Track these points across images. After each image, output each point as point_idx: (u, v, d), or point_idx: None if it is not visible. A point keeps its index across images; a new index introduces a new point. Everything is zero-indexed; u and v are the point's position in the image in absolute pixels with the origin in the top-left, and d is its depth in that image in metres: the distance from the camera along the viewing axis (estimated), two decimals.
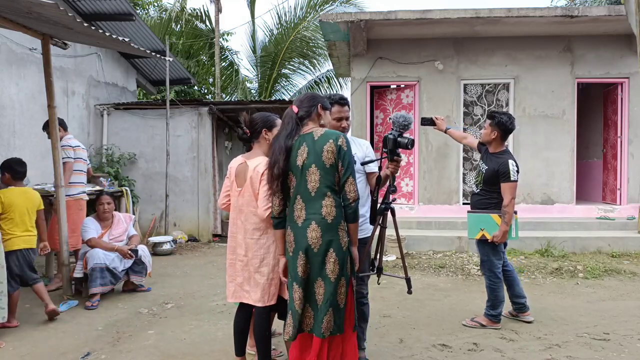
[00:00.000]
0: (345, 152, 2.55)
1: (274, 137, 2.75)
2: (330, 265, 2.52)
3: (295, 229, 2.58)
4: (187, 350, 3.55)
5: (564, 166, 8.16)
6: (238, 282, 2.94)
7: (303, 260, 2.55)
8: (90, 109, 8.40)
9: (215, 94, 13.91)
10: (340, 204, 2.57)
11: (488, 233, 3.86)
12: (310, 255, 2.54)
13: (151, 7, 15.68)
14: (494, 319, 4.00)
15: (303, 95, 2.80)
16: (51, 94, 4.98)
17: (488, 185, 3.93)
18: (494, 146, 4.02)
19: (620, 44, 8.02)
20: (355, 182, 2.57)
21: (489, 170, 3.91)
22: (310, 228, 2.53)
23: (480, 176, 4.00)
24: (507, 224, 3.80)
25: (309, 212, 2.54)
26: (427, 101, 8.25)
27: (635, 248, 6.86)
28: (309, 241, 2.53)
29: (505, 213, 3.80)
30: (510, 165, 3.81)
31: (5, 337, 3.80)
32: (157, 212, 8.49)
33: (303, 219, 2.55)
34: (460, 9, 7.30)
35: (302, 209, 2.56)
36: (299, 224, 2.56)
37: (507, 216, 3.79)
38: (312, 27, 14.65)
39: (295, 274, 2.58)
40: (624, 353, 3.50)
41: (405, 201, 8.45)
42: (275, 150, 2.61)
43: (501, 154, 3.96)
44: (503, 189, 3.84)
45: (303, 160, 2.55)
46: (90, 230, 4.88)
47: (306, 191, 2.55)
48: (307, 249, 2.54)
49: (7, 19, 4.44)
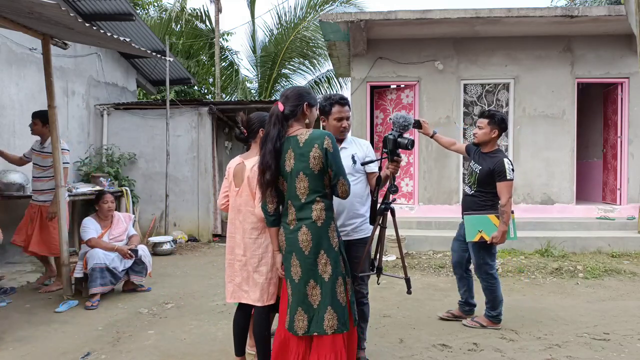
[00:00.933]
0: (332, 154, 2.50)
1: (262, 138, 2.65)
2: (322, 267, 2.54)
3: (287, 231, 2.60)
4: (187, 350, 3.55)
5: (564, 166, 8.16)
6: (237, 282, 2.94)
7: (296, 262, 2.57)
8: (90, 109, 8.40)
9: (215, 94, 13.92)
10: (330, 207, 2.59)
11: (487, 235, 3.82)
12: (302, 258, 2.55)
13: (151, 7, 15.69)
14: (494, 319, 4.00)
15: (289, 90, 2.68)
16: (51, 94, 4.98)
17: (483, 185, 3.87)
18: (489, 146, 3.96)
19: (620, 44, 8.03)
20: (346, 181, 2.56)
21: (483, 170, 3.86)
22: (301, 232, 2.54)
23: (474, 177, 3.92)
24: (506, 224, 3.77)
25: (299, 217, 2.56)
26: (427, 101, 8.25)
27: (635, 248, 6.86)
28: (300, 244, 2.54)
29: (503, 213, 3.77)
30: (506, 164, 3.77)
31: (6, 337, 3.80)
32: (157, 212, 8.49)
33: (295, 224, 2.57)
34: (460, 9, 7.30)
35: (293, 214, 2.57)
36: (291, 228, 2.58)
37: (505, 216, 3.77)
38: (312, 27, 14.65)
39: (289, 273, 2.61)
40: (624, 353, 3.50)
41: (405, 201, 8.45)
42: (265, 154, 2.54)
43: (495, 153, 3.92)
44: (500, 188, 3.79)
45: (291, 166, 2.53)
46: (90, 230, 4.88)
47: (296, 197, 2.55)
48: (298, 251, 2.55)
49: (8, 19, 4.44)
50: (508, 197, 3.77)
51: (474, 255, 3.98)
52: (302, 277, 2.56)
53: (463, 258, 4.13)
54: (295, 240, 2.56)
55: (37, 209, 5.17)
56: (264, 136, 2.61)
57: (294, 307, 2.58)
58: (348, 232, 3.08)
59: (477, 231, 3.85)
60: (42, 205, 5.16)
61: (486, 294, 4.01)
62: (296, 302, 2.57)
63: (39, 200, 5.19)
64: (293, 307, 2.59)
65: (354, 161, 3.08)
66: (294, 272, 2.58)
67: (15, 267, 6.10)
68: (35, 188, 5.25)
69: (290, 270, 2.59)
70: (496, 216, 3.82)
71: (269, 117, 2.62)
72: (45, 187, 5.19)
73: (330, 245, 2.56)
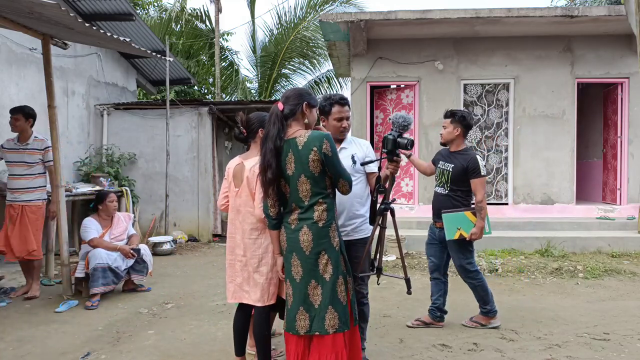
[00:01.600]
0: (331, 157, 2.49)
1: (262, 138, 2.65)
2: (323, 267, 2.53)
3: (289, 231, 2.60)
4: (187, 350, 3.55)
5: (564, 166, 8.16)
6: (237, 282, 2.94)
7: (297, 262, 2.56)
8: (90, 109, 8.40)
9: (215, 94, 13.92)
10: (332, 207, 2.59)
11: (465, 231, 3.81)
12: (302, 258, 2.55)
13: (151, 7, 15.69)
14: (490, 313, 4.00)
15: (290, 90, 2.71)
16: (51, 94, 4.98)
17: (457, 183, 3.87)
18: (456, 144, 3.95)
19: (620, 44, 8.02)
20: (346, 182, 2.57)
21: (456, 168, 3.85)
22: (302, 232, 2.54)
23: (447, 175, 3.91)
24: (483, 219, 3.78)
25: (300, 217, 2.56)
26: (427, 101, 8.25)
27: (635, 248, 6.86)
28: (300, 244, 2.54)
29: (480, 209, 3.77)
30: (479, 161, 3.80)
31: (6, 337, 3.80)
32: (157, 212, 8.49)
33: (296, 223, 2.57)
34: (460, 9, 7.30)
35: (296, 214, 2.57)
36: (292, 227, 2.58)
37: (482, 212, 3.77)
38: (312, 27, 14.65)
39: (289, 273, 2.61)
40: (624, 353, 3.50)
41: (405, 201, 8.45)
42: (266, 153, 2.54)
43: (465, 151, 3.92)
44: (474, 185, 3.80)
45: (292, 170, 2.52)
46: (91, 230, 4.88)
47: (300, 200, 2.55)
48: (299, 251, 2.55)
49: (8, 19, 4.44)
50: (483, 193, 3.79)
51: (455, 256, 3.94)
52: (303, 277, 2.56)
53: (442, 261, 4.09)
54: (296, 240, 2.56)
55: (19, 209, 4.89)
56: (264, 135, 2.60)
57: (294, 307, 2.57)
58: (348, 232, 3.08)
59: (455, 229, 3.83)
60: (25, 204, 4.91)
61: (476, 293, 4.00)
62: (297, 302, 2.56)
63: (20, 199, 4.91)
64: (294, 307, 2.58)
65: (353, 161, 3.08)
66: (295, 272, 2.57)
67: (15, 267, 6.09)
68: (18, 186, 4.93)
69: (291, 270, 2.59)
70: (472, 212, 3.82)
71: (269, 116, 2.62)
72: (31, 186, 4.96)
73: (331, 245, 2.56)
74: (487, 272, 5.96)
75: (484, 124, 8.36)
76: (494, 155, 8.35)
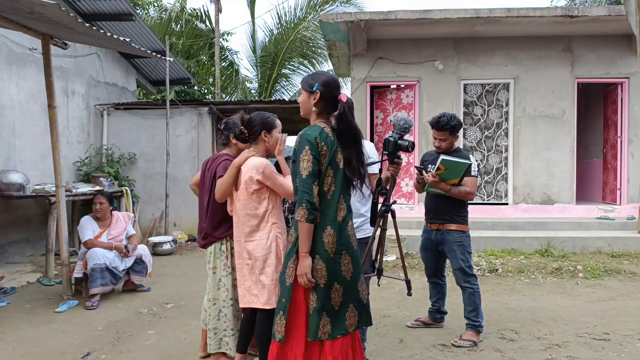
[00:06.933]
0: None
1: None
2: (345, 267, 2.46)
3: (337, 228, 2.43)
4: (187, 350, 3.55)
5: (564, 166, 8.16)
6: (246, 286, 2.92)
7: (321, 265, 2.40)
8: (90, 109, 8.40)
9: (215, 94, 13.92)
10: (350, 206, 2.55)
11: (444, 172, 3.62)
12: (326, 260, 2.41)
13: (151, 7, 15.67)
14: (480, 328, 3.75)
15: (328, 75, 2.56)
16: (51, 94, 4.98)
17: None
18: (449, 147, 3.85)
19: (620, 44, 8.02)
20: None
21: None
22: (349, 225, 2.49)
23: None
24: (443, 189, 3.67)
25: (348, 213, 2.51)
26: (427, 101, 8.25)
27: (635, 248, 6.86)
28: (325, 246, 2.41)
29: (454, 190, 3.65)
30: (473, 161, 3.75)
31: (6, 337, 3.80)
32: (157, 212, 8.49)
33: (342, 218, 2.46)
34: (460, 9, 7.30)
35: (343, 209, 2.48)
36: (340, 223, 2.44)
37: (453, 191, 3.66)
38: (312, 27, 14.65)
39: (338, 275, 2.44)
40: (624, 353, 3.50)
41: (405, 201, 8.45)
42: None
43: (458, 151, 3.87)
44: (468, 181, 3.69)
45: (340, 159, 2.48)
46: (87, 230, 4.88)
47: (347, 193, 2.51)
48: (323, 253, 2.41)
49: (8, 19, 4.44)
50: (473, 191, 3.72)
51: (455, 260, 3.80)
52: (327, 282, 2.41)
53: (437, 266, 4.06)
54: (347, 237, 2.47)
55: None
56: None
57: (318, 314, 2.40)
58: None
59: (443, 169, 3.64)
60: None
61: (470, 302, 3.76)
62: (320, 308, 2.40)
63: None
64: (317, 314, 2.40)
65: None
66: (319, 277, 2.40)
67: (15, 267, 6.10)
68: None
69: (340, 270, 2.43)
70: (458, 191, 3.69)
71: (346, 107, 2.46)
72: None
73: (350, 243, 2.49)
74: (487, 272, 5.96)
75: (484, 124, 8.37)
76: (494, 155, 8.35)
